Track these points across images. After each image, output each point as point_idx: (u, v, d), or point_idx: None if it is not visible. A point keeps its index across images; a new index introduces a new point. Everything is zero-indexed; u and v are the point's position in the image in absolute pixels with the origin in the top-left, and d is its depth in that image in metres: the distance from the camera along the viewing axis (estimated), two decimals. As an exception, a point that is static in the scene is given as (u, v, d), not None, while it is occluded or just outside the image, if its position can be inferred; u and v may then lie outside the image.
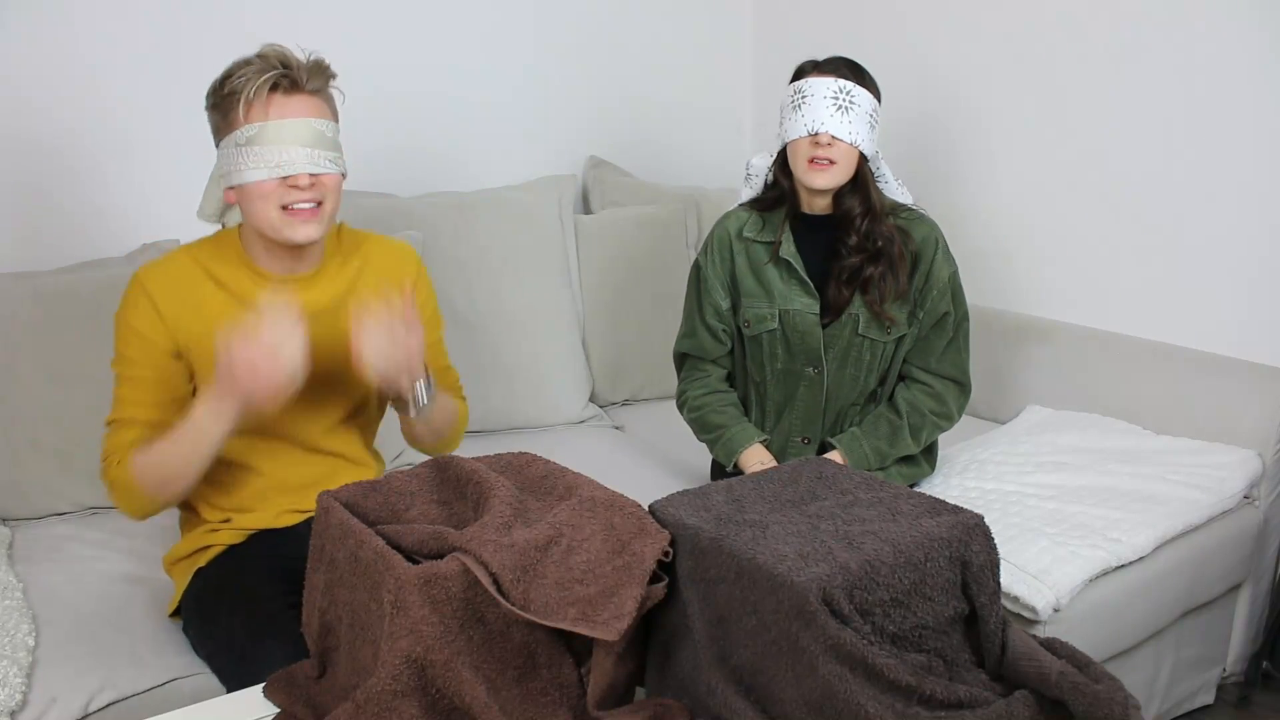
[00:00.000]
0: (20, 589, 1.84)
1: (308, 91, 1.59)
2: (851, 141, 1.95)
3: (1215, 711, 2.34)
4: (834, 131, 1.94)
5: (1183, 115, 2.40)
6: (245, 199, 1.60)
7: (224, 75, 1.58)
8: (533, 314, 2.67)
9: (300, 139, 1.56)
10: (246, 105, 1.55)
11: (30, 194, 2.37)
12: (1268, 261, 2.32)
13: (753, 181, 2.16)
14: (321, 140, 1.59)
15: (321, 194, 1.59)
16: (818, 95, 1.96)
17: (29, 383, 2.11)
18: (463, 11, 2.86)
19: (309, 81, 1.59)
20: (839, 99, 1.95)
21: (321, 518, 1.33)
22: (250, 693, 1.36)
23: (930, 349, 2.11)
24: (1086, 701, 1.06)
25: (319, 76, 1.61)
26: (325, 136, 1.60)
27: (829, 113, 1.95)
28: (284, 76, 1.56)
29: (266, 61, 1.57)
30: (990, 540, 1.18)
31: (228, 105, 1.57)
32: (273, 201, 1.57)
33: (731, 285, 2.14)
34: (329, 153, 1.60)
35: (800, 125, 1.97)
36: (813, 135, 1.96)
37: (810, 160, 1.98)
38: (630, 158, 3.18)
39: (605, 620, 1.15)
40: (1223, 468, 2.21)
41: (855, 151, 1.98)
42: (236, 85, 1.55)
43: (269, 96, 1.56)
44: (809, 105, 1.96)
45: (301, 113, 1.57)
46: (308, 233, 1.60)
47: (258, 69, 1.56)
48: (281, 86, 1.56)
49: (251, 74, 1.55)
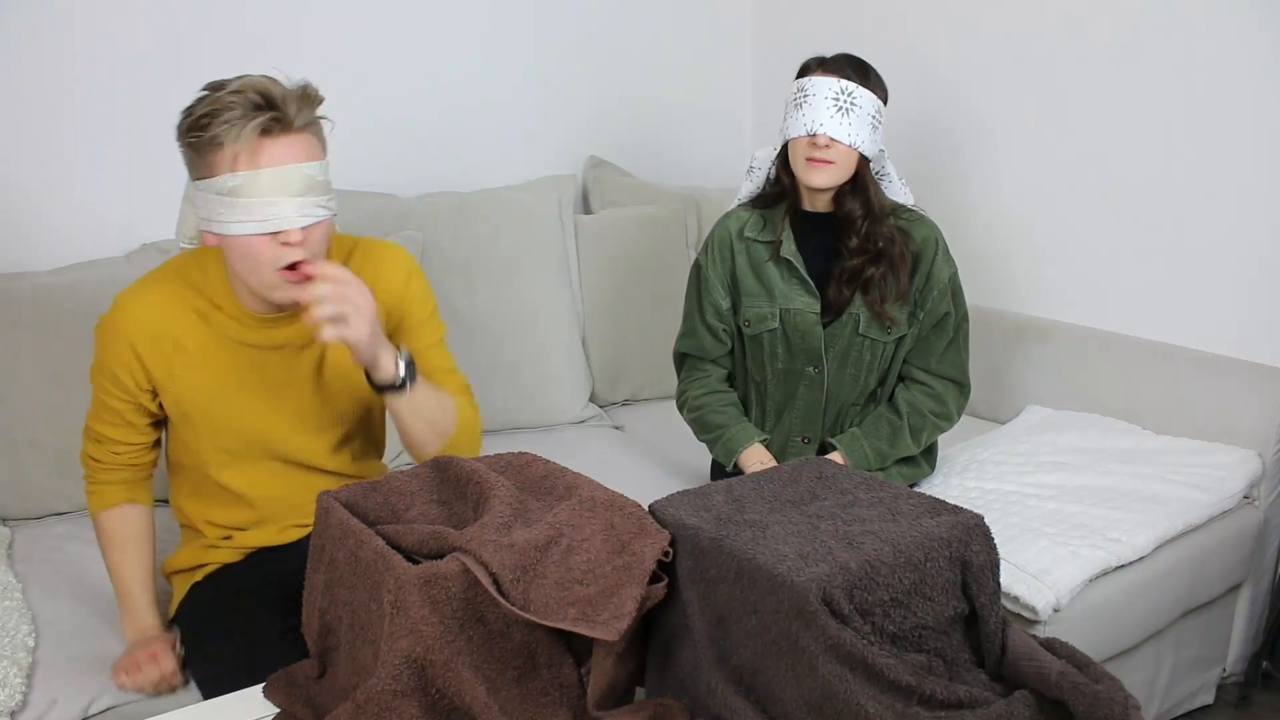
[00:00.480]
0: (20, 589, 1.84)
1: (296, 129, 1.44)
2: (851, 144, 1.95)
3: (1215, 711, 2.34)
4: (832, 133, 1.94)
5: (1183, 115, 2.40)
6: (230, 250, 1.48)
7: (203, 114, 1.41)
8: (533, 314, 2.67)
9: (290, 189, 1.42)
10: (232, 153, 1.40)
11: (30, 194, 2.37)
12: (1268, 261, 2.32)
13: (755, 174, 2.16)
14: (312, 186, 1.45)
15: (312, 249, 1.47)
16: (819, 95, 1.95)
17: (29, 383, 2.11)
18: (463, 12, 2.85)
19: (298, 116, 1.44)
20: (840, 100, 1.95)
21: (321, 518, 1.33)
22: (250, 693, 1.36)
23: (930, 350, 2.11)
24: (1086, 701, 1.06)
25: (308, 108, 1.46)
26: (315, 180, 1.45)
27: (829, 114, 1.94)
28: (274, 120, 1.41)
29: (248, 99, 1.40)
30: (990, 540, 1.18)
31: (208, 149, 1.42)
32: (264, 260, 1.45)
33: (732, 285, 2.14)
34: (319, 198, 1.46)
35: (800, 124, 1.97)
36: (811, 136, 1.96)
37: (809, 159, 1.98)
38: (630, 158, 3.18)
39: (605, 620, 1.15)
40: (1223, 468, 2.21)
41: (855, 153, 1.97)
42: (220, 132, 1.39)
43: (257, 141, 1.40)
44: (810, 105, 1.96)
45: (292, 158, 1.43)
46: (300, 294, 1.46)
47: (242, 113, 1.40)
48: (271, 131, 1.41)
49: (235, 119, 1.39)
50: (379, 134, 2.76)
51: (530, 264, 2.68)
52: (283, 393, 1.65)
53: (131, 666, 1.60)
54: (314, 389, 1.67)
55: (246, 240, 1.44)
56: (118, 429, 1.68)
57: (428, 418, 1.61)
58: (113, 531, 1.71)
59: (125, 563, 1.70)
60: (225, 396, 1.63)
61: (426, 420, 1.61)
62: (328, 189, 1.49)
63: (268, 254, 1.45)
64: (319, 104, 1.49)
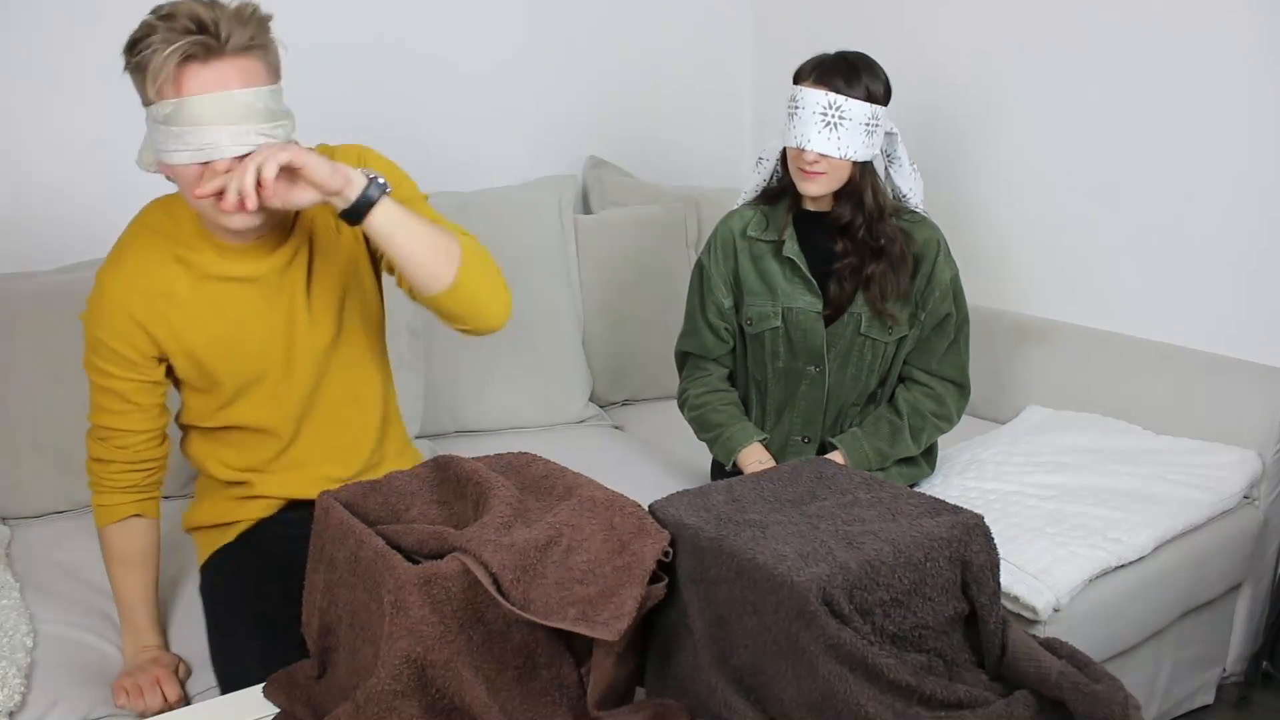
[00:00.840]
0: (18, 589, 1.84)
1: (230, 53, 1.35)
2: (841, 157, 1.95)
3: (1215, 711, 2.34)
4: (820, 149, 1.94)
5: (1182, 115, 2.40)
6: (176, 180, 1.44)
7: (136, 37, 1.37)
8: (533, 314, 2.67)
9: (223, 116, 1.35)
10: (160, 81, 1.34)
11: (30, 193, 2.37)
12: (1267, 261, 2.32)
13: (763, 165, 2.15)
14: (250, 114, 1.36)
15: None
16: (807, 109, 1.95)
17: (29, 383, 2.11)
18: (463, 11, 2.85)
19: (231, 40, 1.35)
20: (827, 115, 1.94)
21: (321, 518, 1.33)
22: (250, 693, 1.36)
23: (931, 351, 2.11)
24: (1086, 701, 1.06)
25: (243, 30, 1.36)
26: (254, 108, 1.37)
27: (815, 129, 1.94)
28: (197, 44, 1.33)
29: (177, 24, 1.34)
30: (990, 540, 1.18)
31: (142, 76, 1.36)
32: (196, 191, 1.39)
33: (734, 283, 2.14)
34: (260, 125, 1.38)
35: (792, 136, 1.97)
36: (800, 150, 1.96)
37: (801, 169, 1.99)
38: (630, 158, 3.18)
39: (605, 620, 1.15)
40: (1223, 468, 2.21)
41: (846, 163, 1.98)
42: (146, 58, 1.33)
43: (181, 68, 1.33)
44: (799, 118, 1.96)
45: (222, 84, 1.35)
46: (242, 222, 1.43)
47: (166, 37, 1.33)
48: (197, 55, 1.34)
49: (159, 43, 1.32)
50: (379, 134, 2.75)
51: (530, 264, 2.68)
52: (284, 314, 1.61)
53: (134, 690, 1.58)
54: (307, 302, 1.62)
55: (184, 169, 1.39)
56: (123, 416, 1.61)
57: (423, 236, 1.46)
58: (118, 547, 1.68)
59: (130, 579, 1.67)
60: (226, 333, 1.59)
61: (425, 243, 1.46)
62: (273, 116, 1.40)
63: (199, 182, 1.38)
64: (261, 24, 1.40)
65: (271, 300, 1.61)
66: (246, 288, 1.60)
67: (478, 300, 1.53)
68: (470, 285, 1.50)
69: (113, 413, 1.62)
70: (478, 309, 1.54)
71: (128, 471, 1.66)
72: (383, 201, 1.41)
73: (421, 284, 1.48)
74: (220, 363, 1.61)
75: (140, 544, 1.68)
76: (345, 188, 1.39)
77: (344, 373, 1.70)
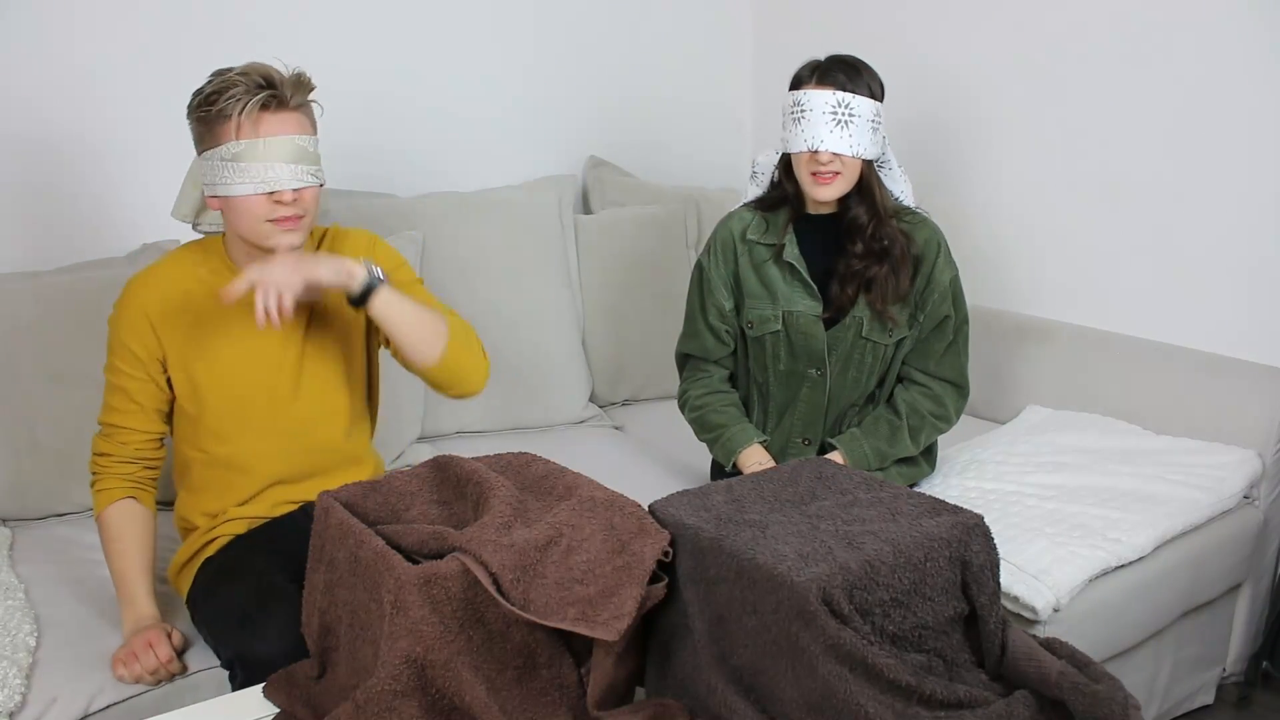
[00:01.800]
0: (22, 590, 1.84)
1: (292, 108, 1.67)
2: (854, 155, 1.95)
3: (1215, 711, 2.34)
4: (834, 148, 1.94)
5: (1183, 115, 2.40)
6: (230, 209, 1.68)
7: (211, 91, 1.65)
8: (533, 314, 2.67)
9: (285, 156, 1.65)
10: (236, 123, 1.63)
11: (30, 194, 2.37)
12: (1267, 261, 2.31)
13: (759, 179, 2.16)
14: (303, 155, 1.67)
15: (303, 208, 1.68)
16: (816, 110, 1.94)
17: (29, 383, 2.11)
18: (463, 12, 2.85)
19: (293, 98, 1.67)
20: (838, 114, 1.94)
21: (321, 518, 1.33)
22: (250, 693, 1.36)
23: (930, 352, 2.10)
24: (1086, 701, 1.06)
25: (301, 92, 1.69)
26: (307, 151, 1.68)
27: (828, 129, 1.94)
28: (272, 96, 1.64)
29: (252, 80, 1.63)
30: (990, 540, 1.18)
31: (215, 120, 1.64)
32: (260, 214, 1.66)
33: (735, 286, 2.14)
34: (310, 166, 1.68)
35: (800, 140, 1.96)
36: (814, 152, 1.95)
37: (814, 174, 1.98)
38: (630, 158, 3.18)
39: (605, 620, 1.16)
40: (1223, 468, 2.21)
41: (858, 161, 1.97)
42: (226, 105, 1.62)
43: (257, 114, 1.63)
44: (808, 120, 1.95)
45: (286, 130, 1.66)
46: (291, 240, 1.70)
47: (245, 88, 1.62)
48: (270, 106, 1.64)
49: (240, 93, 1.62)
50: (379, 134, 2.76)
51: (530, 264, 2.68)
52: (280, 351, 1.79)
53: (128, 657, 1.65)
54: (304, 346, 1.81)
55: (246, 199, 1.65)
56: (127, 414, 1.77)
57: (414, 319, 1.73)
58: (114, 525, 1.77)
59: (125, 553, 1.75)
60: (226, 354, 1.77)
61: (414, 321, 1.73)
62: (317, 160, 1.71)
63: (264, 209, 1.66)
64: (311, 90, 1.72)
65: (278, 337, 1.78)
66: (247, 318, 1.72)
67: (461, 372, 1.80)
68: (454, 359, 1.77)
69: (118, 410, 1.78)
70: (460, 379, 1.81)
71: (126, 463, 1.79)
72: (380, 290, 1.68)
73: (413, 358, 1.76)
74: (211, 380, 1.77)
75: (136, 523, 1.77)
76: (349, 282, 1.67)
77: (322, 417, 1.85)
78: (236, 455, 1.78)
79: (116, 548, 1.76)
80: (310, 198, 1.70)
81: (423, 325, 1.74)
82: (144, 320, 1.74)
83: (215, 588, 1.71)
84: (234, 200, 1.66)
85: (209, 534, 1.79)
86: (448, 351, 1.76)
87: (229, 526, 1.79)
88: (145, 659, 1.65)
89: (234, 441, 1.78)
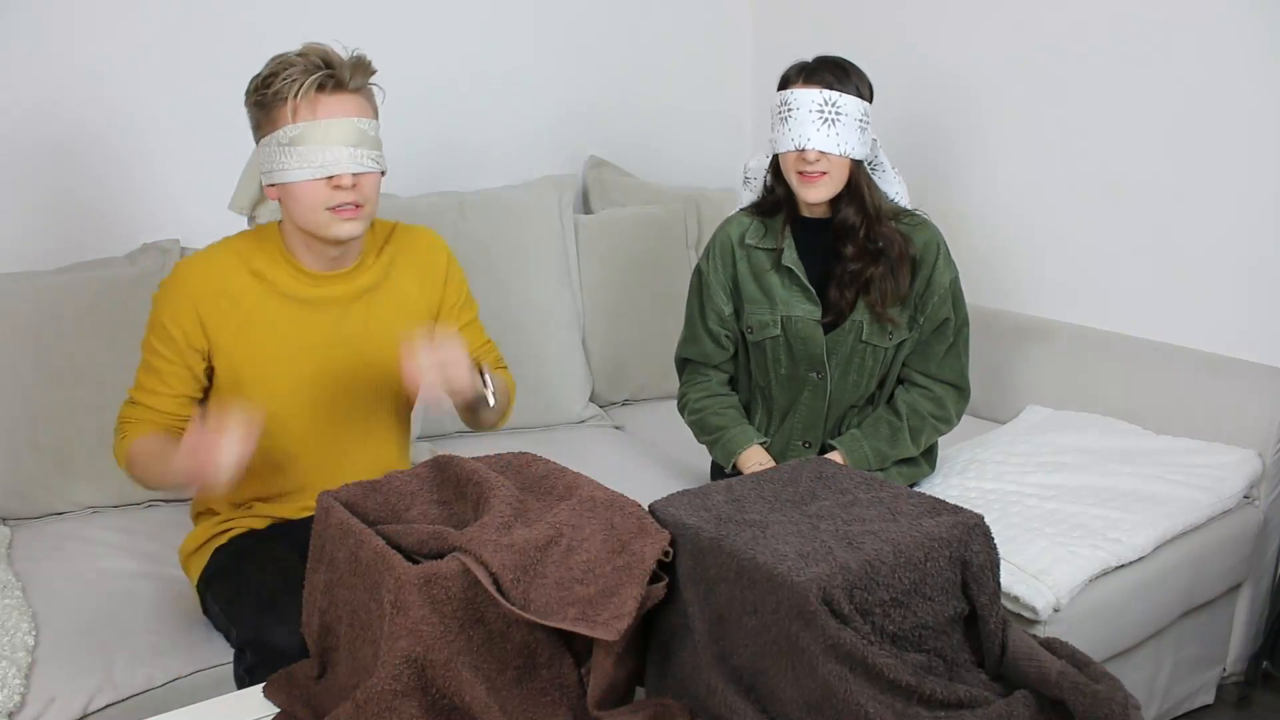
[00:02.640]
0: (20, 588, 1.84)
1: (351, 90, 1.61)
2: (841, 153, 1.95)
3: (1215, 711, 2.34)
4: (821, 147, 1.94)
5: (1182, 114, 2.40)
6: (288, 197, 1.62)
7: (268, 73, 1.59)
8: (533, 314, 2.67)
9: (344, 139, 1.58)
10: (293, 106, 1.56)
11: (31, 194, 2.37)
12: (1268, 261, 2.31)
13: (752, 184, 2.16)
14: (364, 139, 1.61)
15: (363, 195, 1.62)
16: (803, 109, 1.94)
17: (29, 383, 2.11)
18: (463, 12, 2.85)
19: (352, 79, 1.61)
20: (824, 112, 1.94)
21: (321, 518, 1.33)
22: (250, 693, 1.36)
23: (930, 354, 2.10)
24: (1086, 701, 1.06)
25: (361, 74, 1.63)
26: (368, 135, 1.62)
27: (815, 127, 1.94)
28: (329, 76, 1.58)
29: (309, 60, 1.58)
30: (990, 540, 1.18)
31: (272, 104, 1.58)
32: (318, 201, 1.60)
33: (734, 290, 2.14)
34: (371, 151, 1.62)
35: (788, 140, 1.96)
36: (800, 151, 1.95)
37: (801, 174, 1.98)
38: (630, 158, 3.18)
39: (605, 620, 1.15)
40: (1223, 468, 2.21)
41: (846, 161, 1.97)
42: (282, 87, 1.56)
43: (314, 96, 1.57)
44: (795, 119, 1.95)
45: (346, 112, 1.59)
46: (351, 230, 1.64)
47: (302, 69, 1.56)
48: (326, 86, 1.58)
49: (297, 74, 1.56)
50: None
51: (530, 264, 2.68)
52: (329, 350, 1.74)
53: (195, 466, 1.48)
54: (356, 347, 1.76)
55: (304, 185, 1.59)
56: (156, 396, 1.70)
57: (501, 408, 1.81)
58: (141, 447, 1.66)
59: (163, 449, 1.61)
60: (273, 350, 1.70)
61: (499, 410, 1.81)
62: (379, 145, 1.65)
63: (322, 196, 1.60)
64: (372, 72, 1.65)
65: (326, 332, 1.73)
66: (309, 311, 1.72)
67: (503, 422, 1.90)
68: (504, 419, 1.87)
69: (147, 390, 1.70)
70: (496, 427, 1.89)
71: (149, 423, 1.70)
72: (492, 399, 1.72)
73: (478, 427, 1.86)
74: (256, 375, 1.71)
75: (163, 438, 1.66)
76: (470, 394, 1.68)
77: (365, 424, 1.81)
78: (271, 451, 1.71)
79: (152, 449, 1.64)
80: (371, 185, 1.63)
81: (499, 414, 1.81)
82: (191, 310, 1.66)
83: (239, 566, 1.68)
84: (291, 187, 1.60)
85: (226, 522, 1.75)
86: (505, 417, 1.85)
87: (249, 521, 1.76)
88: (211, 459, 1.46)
89: (270, 437, 1.69)
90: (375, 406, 1.80)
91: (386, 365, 1.73)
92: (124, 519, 2.15)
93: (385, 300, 1.77)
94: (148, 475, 1.67)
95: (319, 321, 1.73)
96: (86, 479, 2.15)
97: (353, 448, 1.79)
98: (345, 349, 1.74)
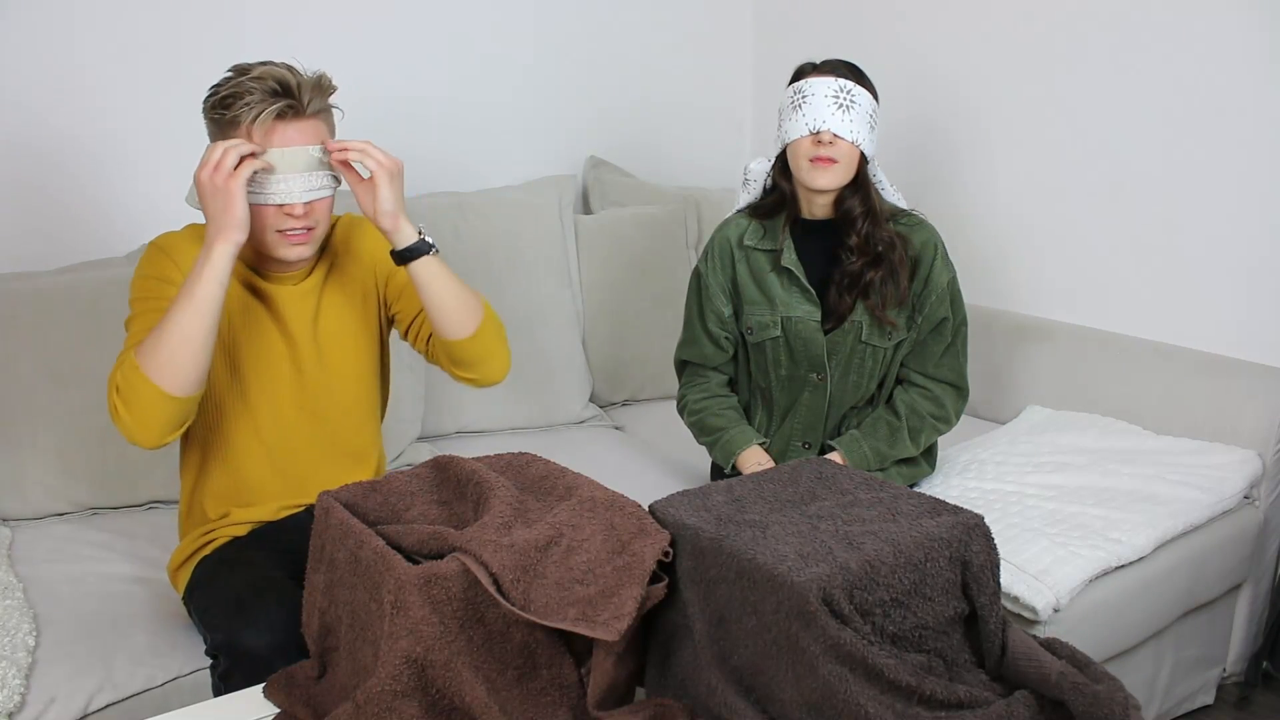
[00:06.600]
0: (21, 589, 1.84)
1: (309, 115, 1.60)
2: (853, 140, 1.95)
3: (1215, 711, 2.34)
4: (836, 129, 1.94)
5: (1181, 114, 2.40)
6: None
7: (226, 94, 1.58)
8: (533, 314, 2.67)
9: (297, 166, 1.59)
10: (248, 132, 1.56)
11: (30, 194, 2.37)
12: (1267, 261, 2.32)
13: (750, 187, 2.16)
14: (318, 166, 1.61)
15: (314, 220, 1.64)
16: (819, 94, 1.96)
17: (29, 383, 2.11)
18: (463, 12, 2.85)
19: (310, 104, 1.60)
20: (840, 98, 1.95)
21: (321, 518, 1.33)
22: (250, 693, 1.36)
23: (928, 354, 2.10)
24: (1086, 701, 1.06)
25: (320, 96, 1.62)
26: (321, 161, 1.62)
27: (830, 110, 1.95)
28: (289, 106, 1.57)
29: (266, 85, 1.56)
30: (990, 540, 1.18)
31: (229, 127, 1.58)
32: (268, 224, 1.61)
33: (733, 292, 2.14)
34: (324, 176, 1.62)
35: (801, 124, 1.97)
36: (814, 134, 1.95)
37: (812, 159, 1.98)
38: (630, 158, 3.18)
39: (605, 620, 1.16)
40: (1223, 468, 2.21)
41: (856, 151, 1.97)
42: (240, 114, 1.55)
43: (273, 125, 1.57)
44: (810, 104, 1.96)
45: (301, 140, 1.59)
46: (300, 253, 1.66)
47: (260, 96, 1.55)
48: (285, 115, 1.57)
49: (255, 102, 1.55)
50: (379, 134, 2.74)
51: (530, 264, 2.68)
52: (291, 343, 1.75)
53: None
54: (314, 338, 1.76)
55: (256, 209, 1.59)
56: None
57: (456, 293, 1.70)
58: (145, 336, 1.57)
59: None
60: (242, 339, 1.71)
61: (455, 295, 1.70)
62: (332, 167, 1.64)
63: (273, 220, 1.61)
64: (331, 92, 1.66)
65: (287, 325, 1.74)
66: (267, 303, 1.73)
67: (490, 351, 1.76)
68: (486, 337, 1.74)
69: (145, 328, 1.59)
70: (488, 358, 1.76)
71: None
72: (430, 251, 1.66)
73: (449, 329, 1.71)
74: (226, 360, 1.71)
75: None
76: (393, 234, 1.64)
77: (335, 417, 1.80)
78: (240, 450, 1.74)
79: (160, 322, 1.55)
80: (323, 208, 1.65)
81: (464, 294, 1.70)
82: (171, 266, 1.65)
83: (213, 577, 1.69)
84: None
85: (209, 534, 1.77)
86: (482, 327, 1.72)
87: (230, 530, 1.77)
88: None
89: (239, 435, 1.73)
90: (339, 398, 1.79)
91: (346, 352, 1.78)
92: (124, 520, 2.15)
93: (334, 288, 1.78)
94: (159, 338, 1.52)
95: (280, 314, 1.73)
96: (87, 479, 2.15)
97: (320, 441, 1.79)
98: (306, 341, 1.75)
